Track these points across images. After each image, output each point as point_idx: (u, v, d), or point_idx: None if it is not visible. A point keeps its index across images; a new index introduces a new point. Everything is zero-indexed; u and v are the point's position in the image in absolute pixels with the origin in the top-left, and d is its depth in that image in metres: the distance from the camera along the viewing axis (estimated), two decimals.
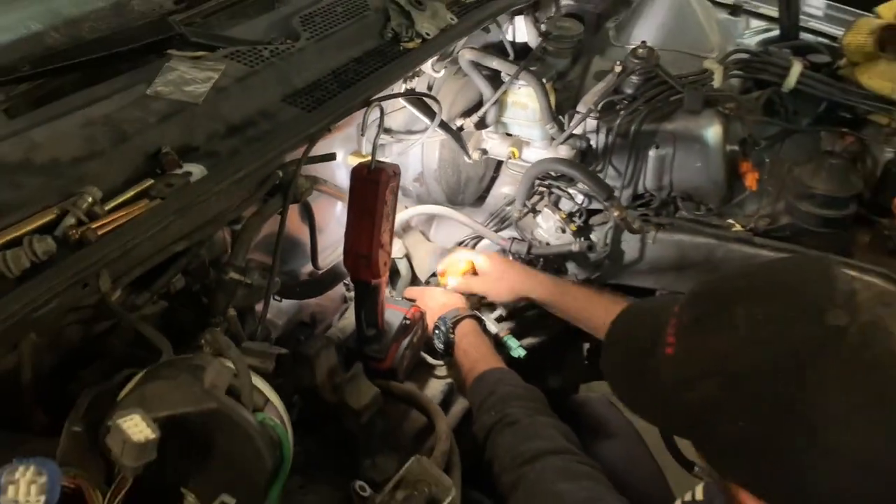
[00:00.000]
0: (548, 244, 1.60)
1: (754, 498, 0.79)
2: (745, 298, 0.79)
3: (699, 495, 1.02)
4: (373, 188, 1.25)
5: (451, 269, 1.54)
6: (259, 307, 1.19)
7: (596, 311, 1.36)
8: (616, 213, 1.41)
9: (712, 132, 1.55)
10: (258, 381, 0.89)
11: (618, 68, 1.57)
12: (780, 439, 0.73)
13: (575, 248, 1.50)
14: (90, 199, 0.91)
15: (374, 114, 1.31)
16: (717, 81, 1.53)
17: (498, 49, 1.67)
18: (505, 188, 1.83)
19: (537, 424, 1.21)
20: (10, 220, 0.88)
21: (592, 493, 1.07)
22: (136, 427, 0.72)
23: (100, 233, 0.90)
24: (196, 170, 1.02)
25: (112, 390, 0.86)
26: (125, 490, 0.73)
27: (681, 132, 1.56)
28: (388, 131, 1.55)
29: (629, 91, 1.57)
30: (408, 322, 1.45)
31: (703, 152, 1.56)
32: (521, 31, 1.68)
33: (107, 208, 0.93)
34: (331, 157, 1.27)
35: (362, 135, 1.30)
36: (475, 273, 1.54)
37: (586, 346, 1.96)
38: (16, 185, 0.92)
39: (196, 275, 1.11)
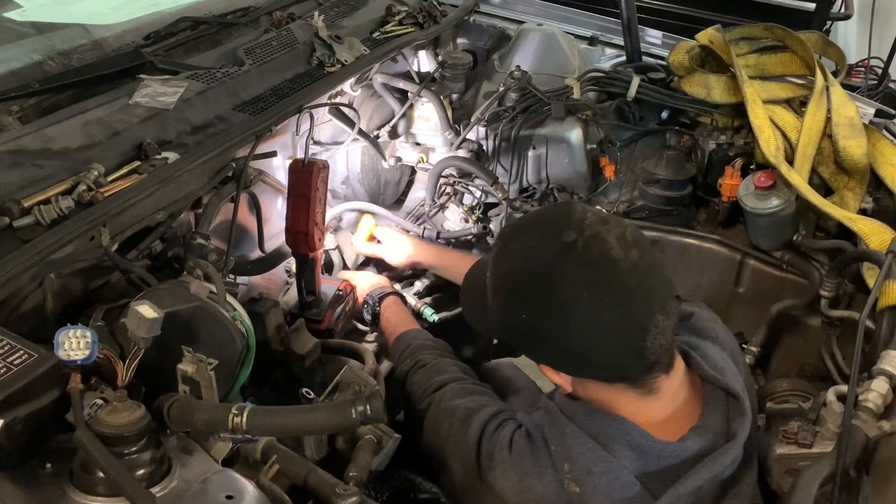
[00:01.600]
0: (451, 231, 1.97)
1: (551, 369, 1.17)
2: (516, 235, 1.19)
3: None
4: (307, 177, 1.60)
5: (359, 228, 1.89)
6: None
7: (461, 267, 1.72)
8: (500, 195, 1.79)
9: (574, 134, 1.96)
10: (230, 298, 1.21)
11: (501, 88, 1.98)
12: (546, 320, 1.10)
13: (474, 230, 1.87)
14: (96, 173, 1.23)
15: (307, 122, 1.66)
16: (576, 94, 1.95)
17: (405, 76, 2.05)
18: (420, 192, 2.20)
19: (442, 364, 1.53)
20: (39, 189, 1.20)
21: (479, 402, 1.39)
22: (147, 309, 1.03)
23: (105, 195, 1.22)
24: (171, 156, 1.35)
25: (118, 308, 1.18)
26: (139, 359, 1.04)
27: (550, 135, 1.96)
28: (317, 142, 1.91)
29: (510, 104, 1.98)
30: (340, 293, 1.78)
31: (569, 151, 1.97)
32: (423, 61, 2.08)
33: (108, 180, 1.25)
34: (272, 154, 1.62)
35: (297, 134, 1.65)
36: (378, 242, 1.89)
37: None
38: (39, 166, 1.24)
39: (170, 241, 1.43)
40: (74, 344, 0.96)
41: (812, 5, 2.87)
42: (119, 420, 0.92)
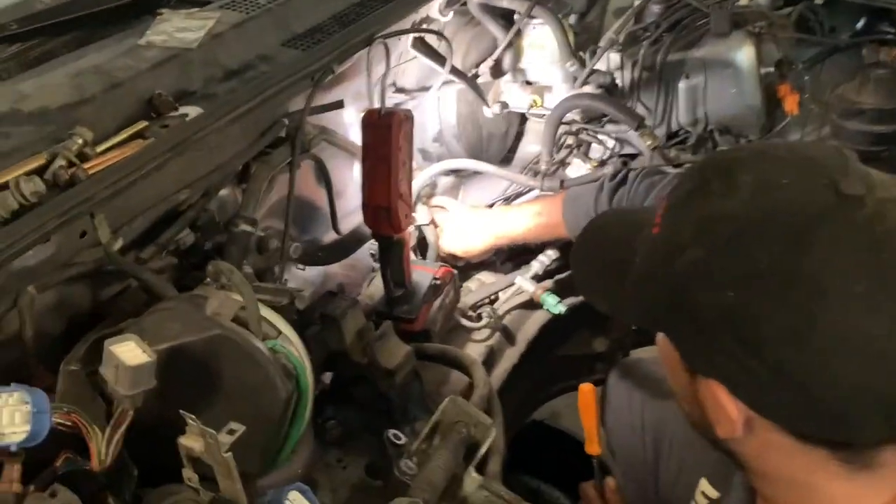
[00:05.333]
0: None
1: (728, 393, 0.70)
2: (755, 165, 0.71)
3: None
4: (385, 133, 1.18)
5: None
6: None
7: (553, 217, 1.33)
8: (648, 143, 1.32)
9: (744, 54, 1.45)
10: (270, 314, 0.82)
11: (638, 1, 1.49)
12: (772, 311, 0.64)
13: (608, 171, 1.41)
14: (80, 141, 0.86)
15: (382, 60, 1.25)
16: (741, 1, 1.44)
17: None
18: (531, 146, 1.75)
19: None
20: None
21: None
22: (130, 352, 0.65)
23: (90, 172, 0.84)
24: (192, 111, 0.97)
25: (113, 335, 0.80)
26: (125, 425, 0.66)
27: (710, 58, 1.46)
28: (400, 90, 1.49)
29: (652, 20, 1.49)
30: (437, 282, 1.38)
31: (736, 77, 1.46)
32: None
33: (98, 150, 0.88)
34: (338, 105, 1.21)
35: (369, 75, 1.24)
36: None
37: None
38: (4, 135, 0.88)
39: (206, 230, 1.06)
40: (8, 418, 0.59)
41: None
42: None
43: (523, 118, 1.76)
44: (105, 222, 0.87)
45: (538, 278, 1.46)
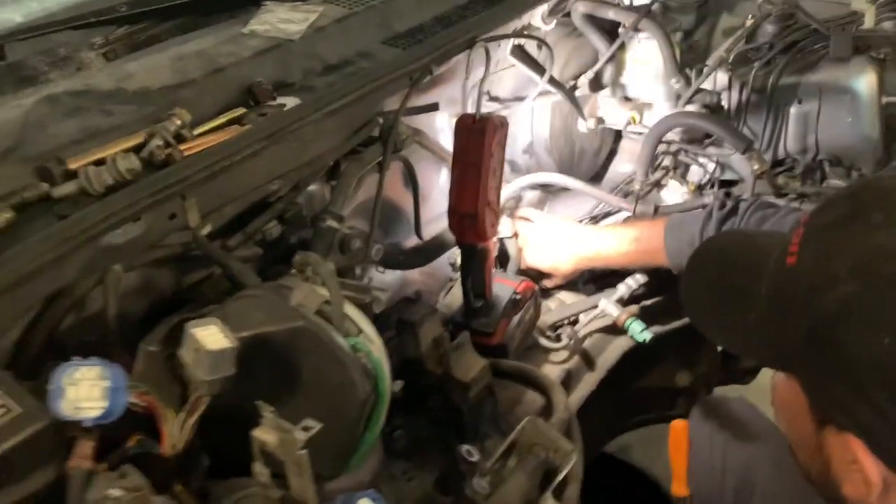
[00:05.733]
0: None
1: (868, 451, 0.62)
2: None
3: None
4: (478, 138, 1.15)
5: None
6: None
7: (654, 243, 1.24)
8: (755, 167, 1.24)
9: (865, 82, 1.35)
10: (353, 311, 0.79)
11: (750, 19, 1.42)
12: None
13: (708, 200, 1.33)
14: (178, 122, 0.86)
15: (481, 66, 1.21)
16: (868, 23, 1.35)
17: (616, 6, 1.54)
18: (625, 165, 1.69)
19: None
20: (100, 143, 0.84)
21: None
22: (212, 336, 0.63)
23: (187, 154, 0.84)
24: (290, 101, 0.95)
25: (195, 318, 0.79)
26: (200, 411, 0.64)
27: (826, 83, 1.37)
28: (494, 98, 1.45)
29: (765, 41, 1.41)
30: (518, 297, 1.33)
31: (853, 106, 1.37)
32: None
33: (195, 133, 0.87)
34: (433, 107, 1.18)
35: (467, 79, 1.20)
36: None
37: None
38: (106, 112, 0.88)
39: (292, 224, 1.04)
40: (86, 391, 0.57)
41: None
42: None
43: (617, 136, 1.69)
44: (195, 206, 0.86)
45: (623, 302, 1.39)
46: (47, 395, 0.56)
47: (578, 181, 1.46)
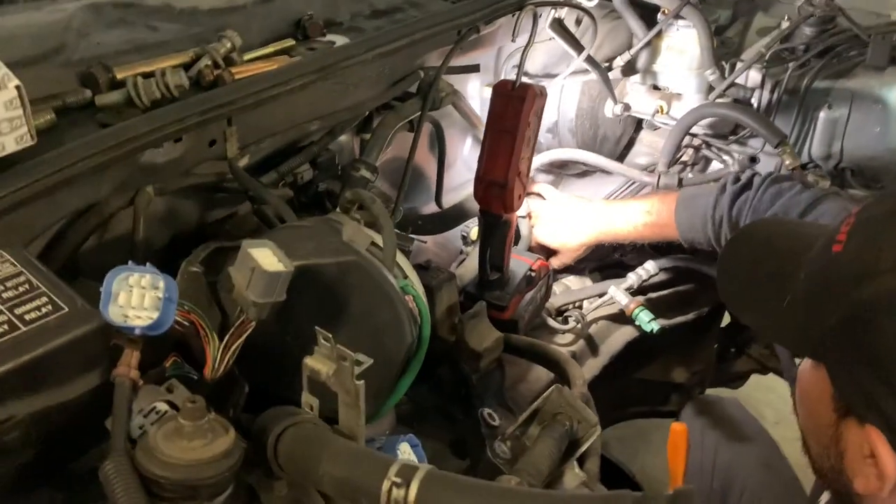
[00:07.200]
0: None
1: (889, 445, 0.62)
2: None
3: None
4: (517, 106, 1.12)
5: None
6: None
7: (664, 216, 1.22)
8: (788, 162, 1.23)
9: None
10: (399, 256, 0.76)
11: (787, 20, 1.41)
12: None
13: (734, 168, 1.31)
14: (229, 45, 0.82)
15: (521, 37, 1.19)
16: None
17: None
18: (642, 157, 1.67)
19: None
20: (144, 57, 0.80)
21: None
22: (267, 258, 0.60)
23: (236, 77, 0.80)
24: (339, 39, 0.92)
25: (234, 250, 0.75)
26: (245, 335, 0.61)
27: (860, 91, 1.37)
28: (525, 74, 1.43)
29: (801, 43, 1.40)
30: (532, 274, 1.31)
31: (883, 116, 1.37)
32: None
33: (245, 58, 0.83)
34: (475, 68, 1.16)
35: (513, 40, 1.17)
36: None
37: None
38: (152, 28, 0.84)
39: (324, 169, 1.01)
40: (137, 299, 0.54)
41: None
42: (185, 453, 0.49)
43: (638, 126, 1.68)
44: (235, 136, 0.82)
45: (633, 292, 1.38)
46: (100, 296, 0.53)
47: (605, 159, 1.44)
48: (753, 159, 1.42)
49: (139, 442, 0.50)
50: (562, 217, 1.34)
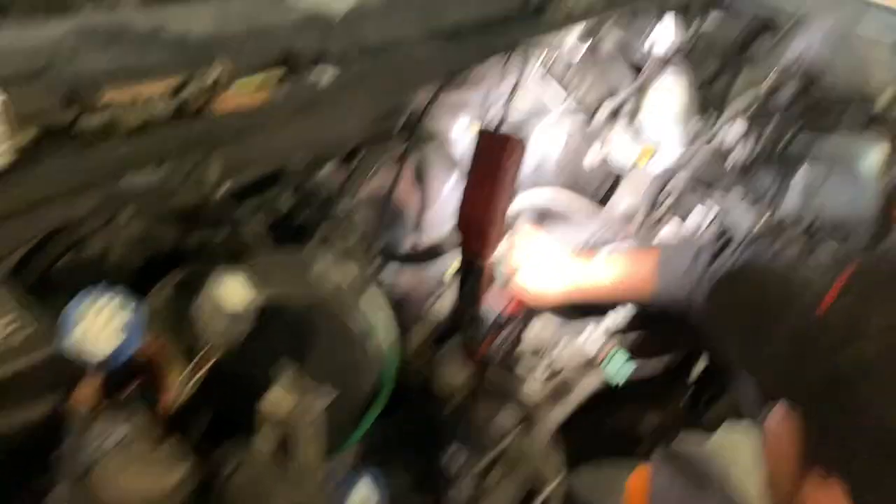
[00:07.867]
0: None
1: (849, 500, 0.62)
2: None
3: None
4: (498, 154, 1.13)
5: None
6: None
7: (643, 273, 1.23)
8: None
9: (871, 158, 1.38)
10: (373, 293, 0.76)
11: (772, 76, 1.44)
12: None
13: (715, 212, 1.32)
14: (217, 73, 0.82)
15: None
16: (881, 102, 1.38)
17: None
18: (623, 203, 1.69)
19: None
20: (131, 80, 0.80)
21: None
22: (234, 289, 0.60)
23: (222, 107, 0.81)
24: (329, 73, 0.93)
25: (209, 275, 0.76)
26: (208, 365, 0.61)
27: (836, 152, 1.40)
28: (513, 114, 1.45)
29: (784, 101, 1.43)
30: (505, 318, 1.33)
31: (856, 179, 1.40)
32: (666, 31, 1.56)
33: (231, 88, 0.84)
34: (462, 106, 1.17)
35: (501, 81, 1.19)
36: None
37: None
38: (141, 52, 0.84)
39: (304, 200, 1.02)
40: (100, 324, 0.54)
41: None
42: (139, 482, 0.49)
43: (617, 176, 1.69)
44: (217, 164, 0.83)
45: (610, 332, 1.39)
46: (60, 321, 0.53)
47: (588, 203, 1.45)
48: (733, 210, 1.45)
49: (93, 469, 0.50)
50: (544, 266, 1.35)
